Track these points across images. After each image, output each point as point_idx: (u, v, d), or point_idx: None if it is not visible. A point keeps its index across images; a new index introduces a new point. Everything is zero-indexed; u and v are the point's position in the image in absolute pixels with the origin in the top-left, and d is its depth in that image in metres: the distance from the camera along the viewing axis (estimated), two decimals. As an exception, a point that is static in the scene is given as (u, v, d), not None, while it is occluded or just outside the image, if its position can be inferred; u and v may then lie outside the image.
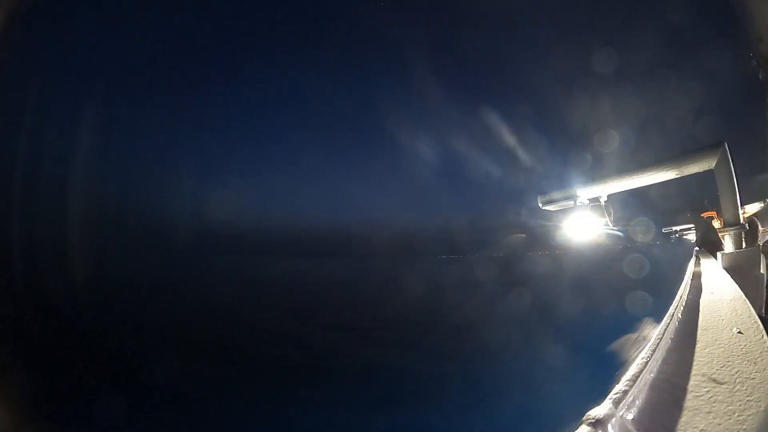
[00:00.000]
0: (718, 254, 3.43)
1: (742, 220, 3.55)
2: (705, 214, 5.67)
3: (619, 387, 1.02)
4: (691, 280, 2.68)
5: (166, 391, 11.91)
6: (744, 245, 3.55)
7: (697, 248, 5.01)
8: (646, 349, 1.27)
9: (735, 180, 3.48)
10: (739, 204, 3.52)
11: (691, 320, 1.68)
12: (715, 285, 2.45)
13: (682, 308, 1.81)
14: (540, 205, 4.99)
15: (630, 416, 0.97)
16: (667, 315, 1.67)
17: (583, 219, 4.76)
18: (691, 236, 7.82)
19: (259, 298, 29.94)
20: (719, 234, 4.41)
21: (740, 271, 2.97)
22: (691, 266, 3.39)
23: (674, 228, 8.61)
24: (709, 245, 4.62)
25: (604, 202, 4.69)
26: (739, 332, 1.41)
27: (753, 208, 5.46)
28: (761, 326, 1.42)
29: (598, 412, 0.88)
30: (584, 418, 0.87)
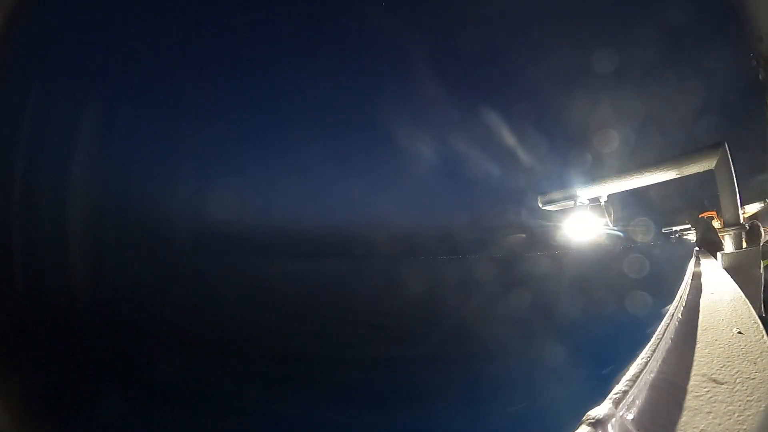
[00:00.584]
0: (718, 254, 3.43)
1: (742, 220, 3.54)
2: (705, 214, 5.66)
3: (619, 387, 1.02)
4: (691, 280, 2.68)
5: (166, 391, 11.92)
6: (745, 246, 3.54)
7: (697, 248, 5.00)
8: (646, 349, 1.27)
9: (735, 180, 3.48)
10: (739, 204, 3.51)
11: (691, 320, 1.67)
12: (715, 285, 2.44)
13: (682, 308, 1.81)
14: (540, 205, 4.98)
15: (630, 416, 0.97)
16: (667, 315, 1.67)
17: (583, 219, 4.76)
18: (691, 236, 7.81)
19: (259, 299, 29.93)
20: (719, 234, 4.40)
21: (740, 271, 2.97)
22: (691, 266, 3.38)
23: (674, 228, 8.59)
24: (709, 245, 4.61)
25: (604, 202, 4.68)
26: (739, 332, 1.41)
27: (753, 208, 5.46)
28: (761, 326, 1.42)
29: (598, 412, 0.87)
30: (584, 418, 0.87)
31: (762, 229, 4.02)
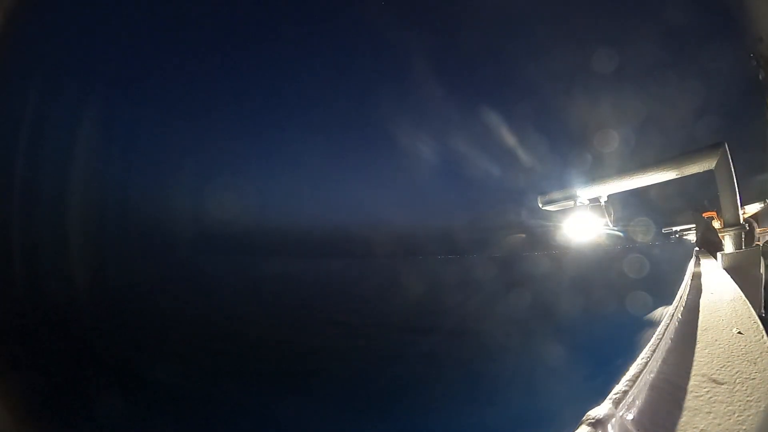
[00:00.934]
0: (718, 254, 3.43)
1: (742, 221, 3.54)
2: (705, 215, 5.65)
3: (619, 387, 1.02)
4: (691, 280, 2.68)
5: (166, 391, 11.91)
6: (743, 246, 3.54)
7: (696, 248, 5.00)
8: (646, 349, 1.27)
9: (735, 180, 3.47)
10: (739, 204, 3.51)
11: (691, 320, 1.67)
12: (715, 285, 2.44)
13: (682, 308, 1.81)
14: (540, 205, 4.97)
15: (630, 416, 0.97)
16: (667, 315, 1.67)
17: (583, 219, 4.75)
18: (691, 236, 7.80)
19: (259, 299, 29.93)
20: (719, 234, 4.40)
21: (740, 271, 2.96)
22: (691, 266, 3.38)
23: (674, 228, 8.58)
24: (709, 245, 4.61)
25: (604, 202, 4.68)
26: (739, 332, 1.41)
27: (753, 208, 5.45)
28: (761, 326, 1.42)
29: (598, 412, 0.87)
30: (584, 418, 0.87)
31: (756, 230, 4.01)
